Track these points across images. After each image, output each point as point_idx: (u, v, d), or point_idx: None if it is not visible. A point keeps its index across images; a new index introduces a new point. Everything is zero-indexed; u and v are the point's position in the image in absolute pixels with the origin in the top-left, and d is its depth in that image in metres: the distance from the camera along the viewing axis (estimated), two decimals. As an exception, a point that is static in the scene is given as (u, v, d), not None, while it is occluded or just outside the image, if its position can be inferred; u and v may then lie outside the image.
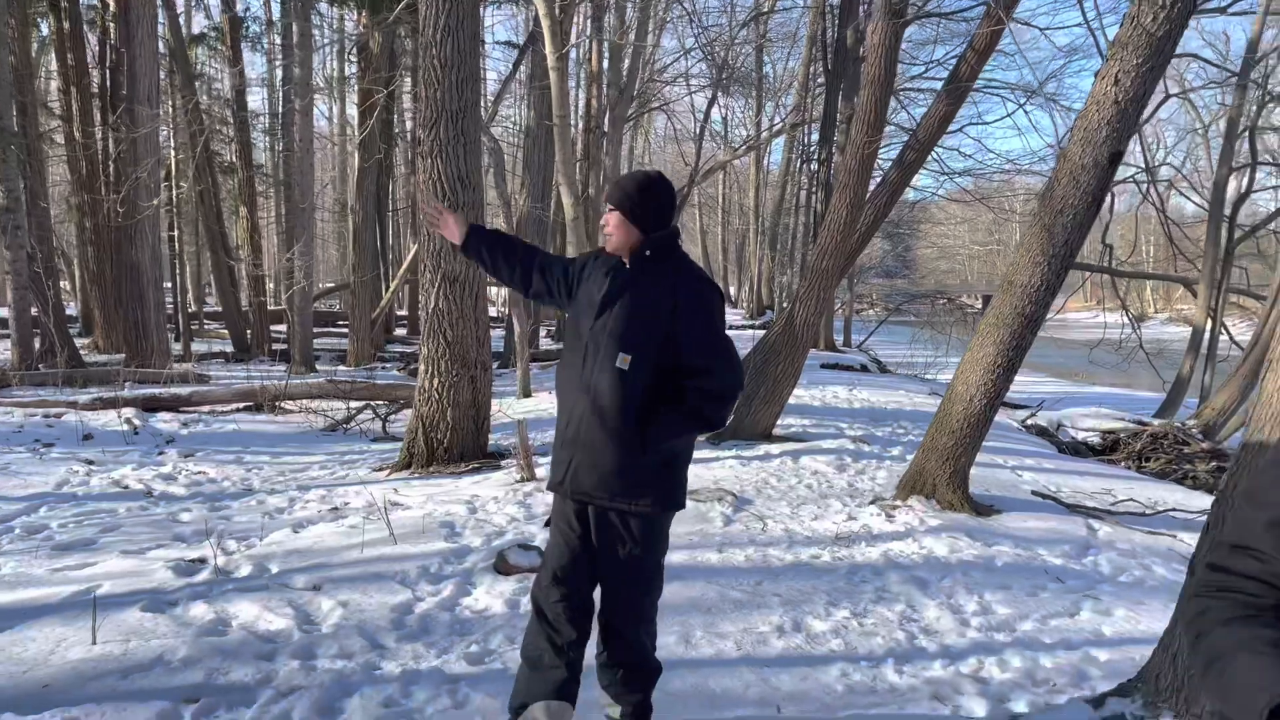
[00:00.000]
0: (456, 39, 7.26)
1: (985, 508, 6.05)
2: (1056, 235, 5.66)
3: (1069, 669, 3.48)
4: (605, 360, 2.65)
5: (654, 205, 2.74)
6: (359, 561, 4.69)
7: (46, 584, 4.51)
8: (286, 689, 3.23)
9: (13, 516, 5.97)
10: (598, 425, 2.67)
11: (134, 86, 14.38)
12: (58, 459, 7.86)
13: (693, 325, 2.65)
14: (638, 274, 2.71)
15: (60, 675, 3.36)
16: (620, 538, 2.71)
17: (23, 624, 3.89)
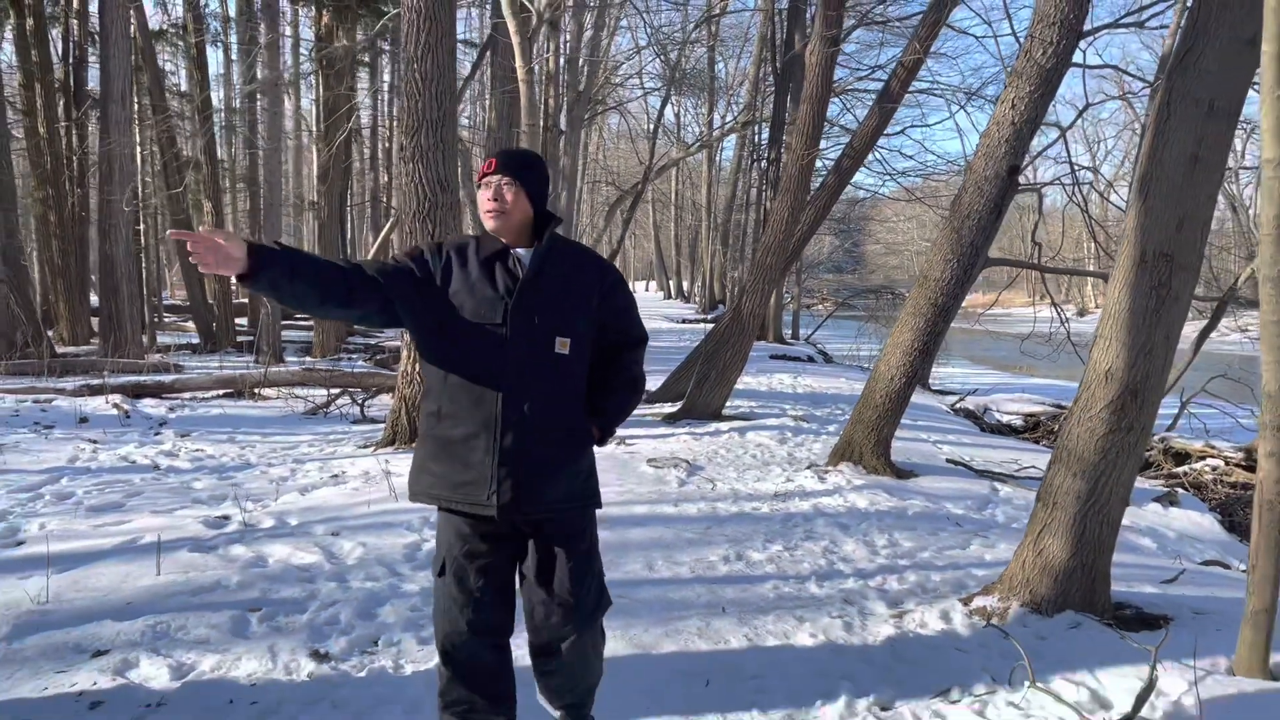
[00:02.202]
0: (436, 55, 8.00)
1: (905, 472, 6.99)
2: (964, 237, 6.59)
3: (953, 582, 4.40)
4: (538, 348, 2.46)
5: (544, 179, 2.61)
6: (367, 515, 5.47)
7: (93, 537, 5.21)
8: (329, 601, 4.02)
9: (39, 485, 6.62)
10: (547, 422, 2.47)
11: (107, 86, 14.88)
12: (62, 439, 8.48)
13: (626, 298, 2.66)
14: (545, 257, 2.52)
15: (138, 596, 4.10)
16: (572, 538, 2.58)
17: (85, 565, 4.61)
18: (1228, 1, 3.48)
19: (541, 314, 2.46)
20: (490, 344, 2.45)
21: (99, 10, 15.36)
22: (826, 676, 3.32)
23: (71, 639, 3.63)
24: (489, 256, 2.52)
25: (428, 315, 2.51)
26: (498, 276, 2.49)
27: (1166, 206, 3.65)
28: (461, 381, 2.47)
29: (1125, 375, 3.73)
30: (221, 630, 3.69)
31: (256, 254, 2.25)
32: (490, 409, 2.44)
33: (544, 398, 2.46)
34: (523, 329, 2.44)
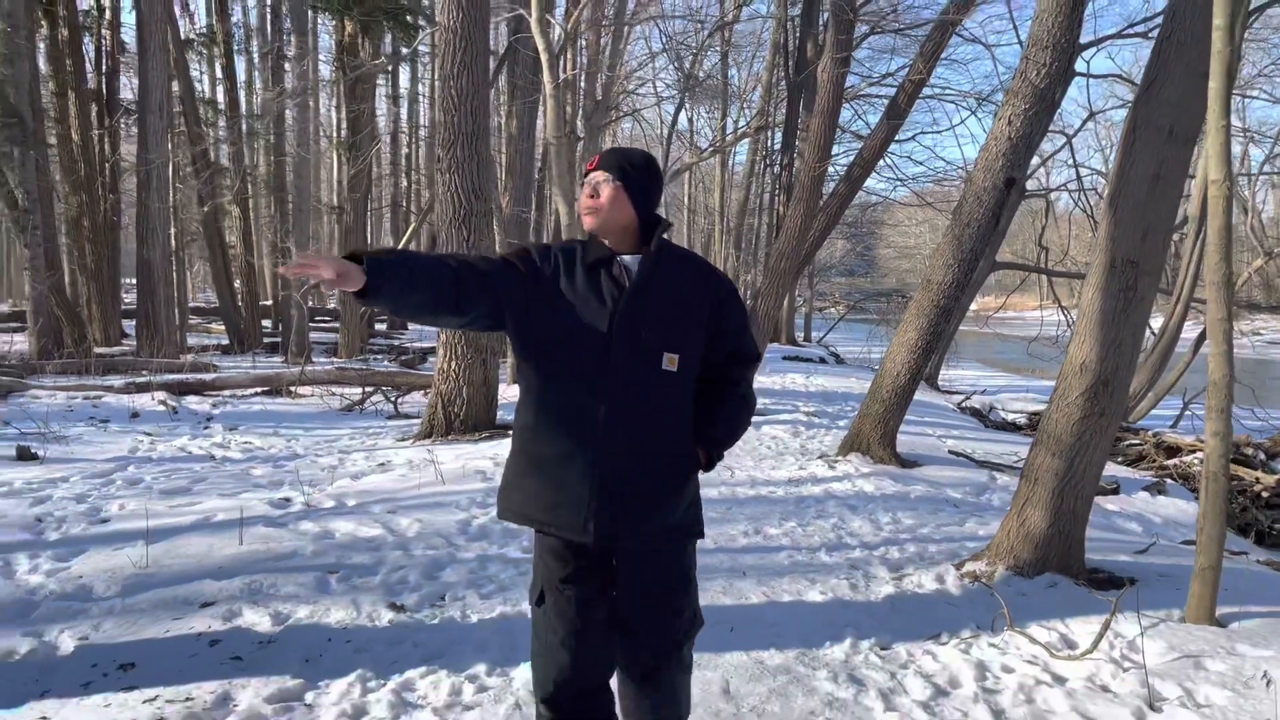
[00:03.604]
0: (471, 72, 8.57)
1: (910, 462, 7.52)
2: (964, 244, 7.11)
3: (948, 552, 4.93)
4: (643, 364, 2.29)
5: (655, 185, 2.40)
6: (418, 496, 6.03)
7: (171, 515, 5.77)
8: (397, 566, 4.57)
9: (110, 472, 7.19)
10: (651, 445, 2.32)
11: (145, 97, 15.54)
12: (119, 432, 9.06)
13: (740, 312, 2.49)
14: (654, 267, 2.34)
15: (228, 562, 4.67)
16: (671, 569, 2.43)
17: (172, 537, 5.17)
18: (1185, 41, 4.01)
19: (649, 327, 2.28)
20: (593, 357, 2.27)
21: (137, 25, 16.01)
22: (834, 625, 3.86)
23: (179, 594, 4.19)
24: (594, 263, 2.34)
25: (530, 321, 2.33)
26: (603, 285, 2.31)
27: (1133, 219, 4.17)
28: (560, 395, 2.31)
29: (1098, 367, 4.26)
30: (308, 588, 4.25)
31: (373, 267, 2.10)
32: (589, 427, 2.27)
33: (648, 418, 2.30)
34: (628, 342, 2.27)
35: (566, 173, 10.03)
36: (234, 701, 3.12)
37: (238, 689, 3.19)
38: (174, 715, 2.99)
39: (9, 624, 3.88)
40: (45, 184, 16.27)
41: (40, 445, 7.74)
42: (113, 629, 3.79)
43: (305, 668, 3.38)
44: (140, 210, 15.88)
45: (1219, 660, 3.28)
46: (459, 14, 8.39)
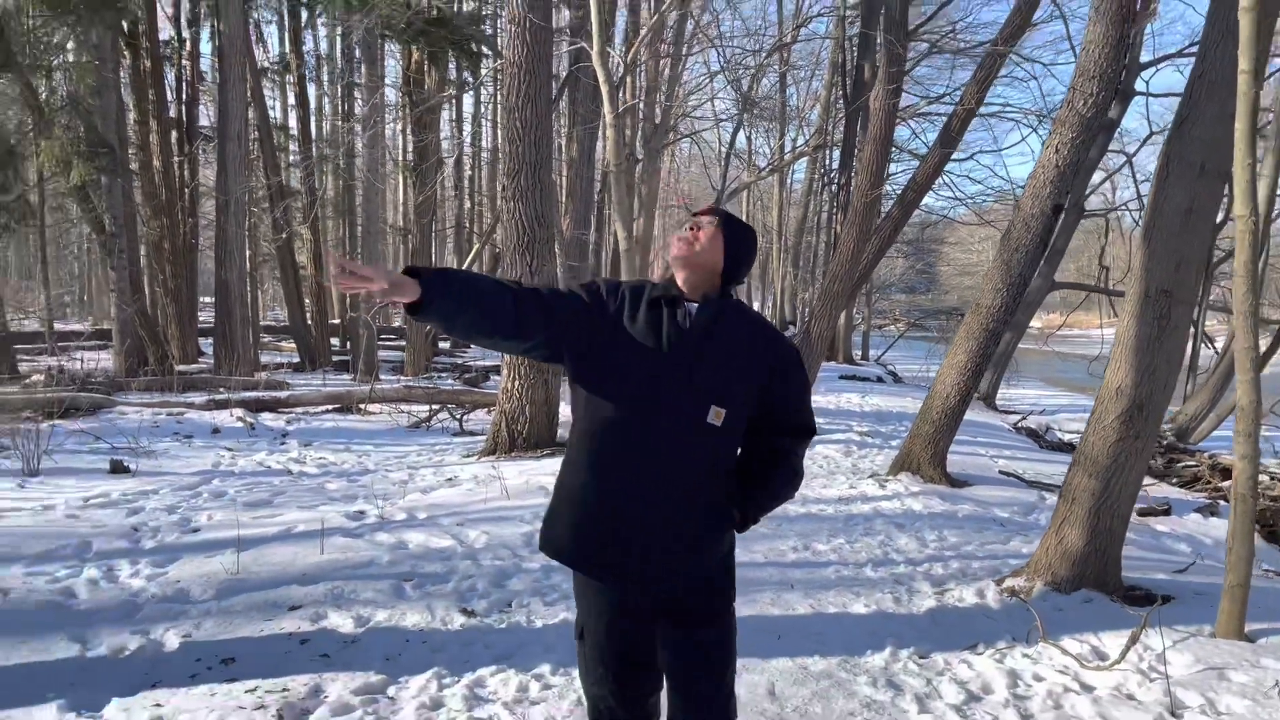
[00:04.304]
0: (536, 104, 8.96)
1: (960, 481, 7.68)
2: (1013, 268, 7.29)
3: (990, 568, 5.13)
4: (689, 413, 2.27)
5: (747, 252, 2.40)
6: (485, 510, 6.37)
7: (255, 526, 6.18)
8: (467, 575, 4.90)
9: (196, 485, 7.65)
10: (685, 495, 2.28)
11: (225, 126, 16.27)
12: (203, 447, 9.58)
13: (800, 383, 2.44)
14: (716, 315, 2.33)
15: (311, 569, 5.04)
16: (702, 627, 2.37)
17: (259, 546, 5.57)
18: (1215, 80, 4.20)
19: (700, 376, 2.27)
20: (639, 396, 2.26)
21: (218, 56, 16.79)
22: (876, 634, 4.10)
23: (268, 598, 4.56)
24: (659, 302, 2.34)
25: (585, 355, 2.32)
26: (663, 326, 2.30)
27: (1166, 250, 4.36)
28: (602, 432, 2.30)
29: (1133, 392, 4.44)
30: (385, 593, 4.60)
31: (428, 283, 2.09)
32: (625, 468, 2.27)
33: (686, 467, 2.27)
34: (677, 388, 2.26)
35: (625, 196, 10.37)
36: (324, 693, 3.45)
37: (327, 682, 3.53)
38: (273, 703, 3.33)
39: (117, 623, 4.29)
40: (129, 209, 17.09)
41: (131, 459, 8.24)
42: (212, 628, 4.17)
43: (386, 665, 3.72)
44: (219, 234, 16.61)
45: (1242, 672, 3.45)
46: (523, 49, 8.78)
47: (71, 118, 14.32)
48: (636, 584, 2.32)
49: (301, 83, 21.66)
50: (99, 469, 7.90)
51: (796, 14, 29.82)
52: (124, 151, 17.43)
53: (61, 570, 5.02)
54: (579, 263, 16.25)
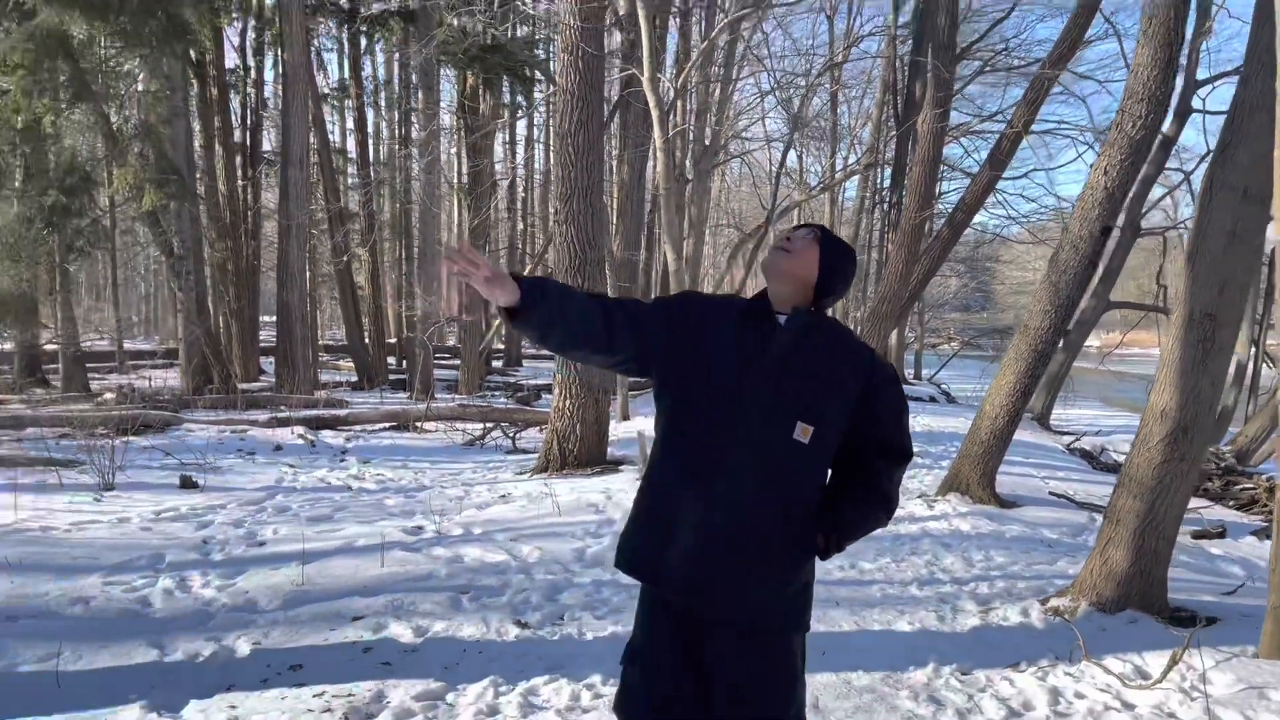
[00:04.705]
0: (588, 130, 9.18)
1: (1008, 502, 7.70)
2: (1060, 290, 7.32)
3: (1035, 589, 5.18)
4: (773, 429, 2.17)
5: (843, 272, 2.31)
6: (537, 526, 6.55)
7: (318, 540, 6.41)
8: (520, 588, 5.08)
9: (260, 500, 7.93)
10: (765, 516, 2.18)
11: (287, 151, 16.76)
12: (266, 464, 9.89)
13: (895, 404, 2.32)
14: (806, 329, 2.25)
15: (371, 581, 5.24)
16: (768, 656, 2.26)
17: (322, 559, 5.79)
18: (1255, 107, 4.26)
19: (786, 390, 2.18)
20: (723, 410, 2.18)
21: (281, 85, 17.33)
22: (919, 651, 4.18)
23: (332, 609, 4.77)
24: (747, 313, 2.29)
25: (672, 368, 2.26)
26: (749, 337, 2.24)
27: (1210, 274, 4.41)
28: (683, 446, 2.24)
29: (1177, 414, 4.49)
30: (443, 605, 4.78)
31: (530, 288, 2.05)
32: (705, 485, 2.18)
33: (767, 486, 2.17)
34: (761, 401, 2.18)
35: (675, 217, 10.55)
36: (387, 699, 3.63)
37: (390, 688, 3.71)
38: (339, 707, 3.52)
39: (192, 630, 4.52)
40: (196, 232, 17.68)
41: (199, 475, 8.56)
42: (280, 636, 4.39)
43: (445, 673, 3.89)
44: (281, 256, 17.09)
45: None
46: (576, 77, 9.01)
47: (143, 145, 14.87)
48: (710, 603, 2.21)
49: (360, 108, 22.24)
50: (169, 484, 8.22)
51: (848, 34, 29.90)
52: (192, 177, 18.03)
53: (138, 580, 5.29)
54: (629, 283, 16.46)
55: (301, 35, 16.60)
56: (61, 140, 15.17)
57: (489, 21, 12.90)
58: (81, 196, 14.53)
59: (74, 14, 12.45)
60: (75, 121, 15.58)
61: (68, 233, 14.76)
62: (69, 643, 4.22)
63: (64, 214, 14.21)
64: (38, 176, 14.65)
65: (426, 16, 16.25)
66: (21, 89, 12.56)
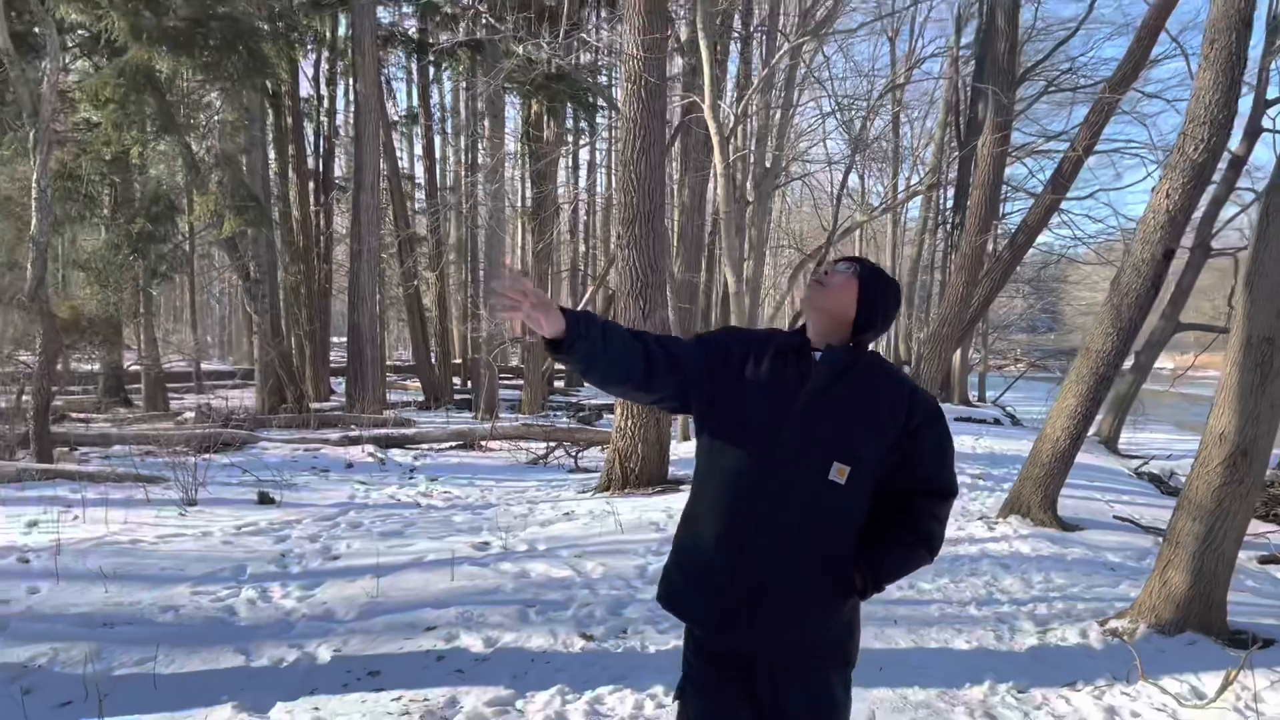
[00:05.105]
0: (649, 156, 9.39)
1: (1071, 525, 7.67)
2: (1123, 314, 7.32)
3: (1095, 610, 5.20)
4: (809, 467, 2.16)
5: (884, 305, 2.26)
6: (600, 543, 6.73)
7: (390, 554, 6.65)
8: (585, 603, 5.25)
9: (334, 516, 8.22)
10: (800, 555, 2.15)
11: (359, 177, 17.30)
12: (338, 480, 10.22)
13: (939, 441, 2.26)
14: (844, 366, 2.23)
15: (442, 594, 5.46)
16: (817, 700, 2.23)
17: (395, 573, 6.03)
18: (1313, 134, 4.29)
19: (823, 428, 2.17)
20: (759, 448, 2.17)
21: (354, 114, 17.92)
22: (976, 669, 4.26)
23: (406, 620, 4.99)
24: (785, 349, 2.27)
25: (711, 407, 2.27)
26: (787, 373, 2.23)
27: (1268, 298, 4.44)
28: (720, 484, 2.24)
29: (1236, 437, 4.52)
30: (511, 618, 4.98)
31: (574, 321, 2.09)
32: (740, 522, 2.18)
33: (803, 525, 2.15)
34: (796, 440, 2.16)
35: (735, 241, 10.71)
36: (460, 704, 3.82)
37: (462, 694, 3.90)
38: (416, 711, 3.72)
39: (275, 638, 4.77)
40: (271, 257, 18.30)
41: (276, 491, 8.90)
42: (358, 644, 4.61)
43: (514, 681, 4.07)
44: (352, 279, 17.61)
45: (1340, 715, 3.51)
46: (638, 105, 9.24)
47: (223, 173, 15.48)
48: (750, 645, 2.19)
49: (429, 135, 22.82)
50: (248, 499, 8.56)
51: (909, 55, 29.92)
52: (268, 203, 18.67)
53: (222, 590, 5.57)
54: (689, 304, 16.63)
55: (373, 66, 17.15)
56: (147, 170, 15.87)
57: (554, 51, 13.22)
58: (166, 224, 15.18)
59: (161, 50, 13.06)
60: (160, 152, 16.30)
61: (152, 258, 15.42)
62: (163, 648, 4.50)
63: (149, 240, 14.86)
64: (125, 205, 15.36)
65: (493, 46, 16.68)
66: (112, 122, 13.18)
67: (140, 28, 12.71)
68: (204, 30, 13.53)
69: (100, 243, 15.95)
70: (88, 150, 14.21)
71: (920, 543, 2.25)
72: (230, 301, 36.94)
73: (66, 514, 7.51)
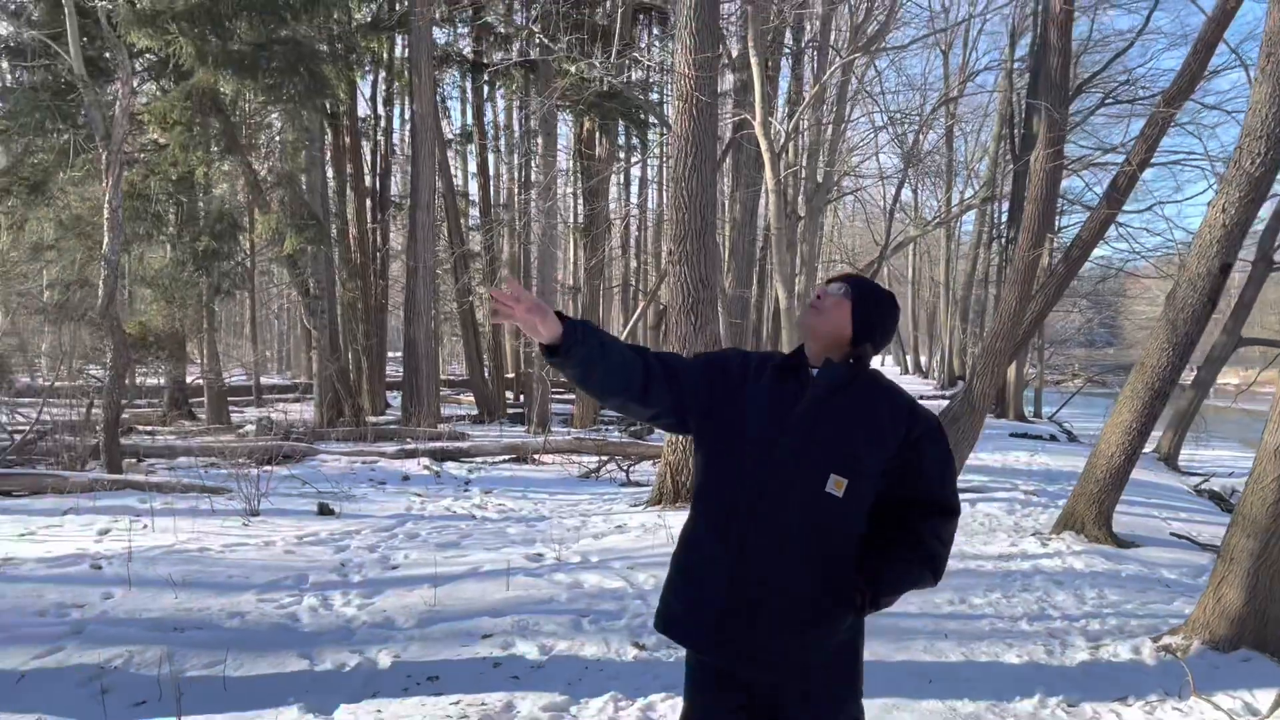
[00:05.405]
0: (701, 174, 9.50)
1: (1126, 542, 7.61)
2: (1178, 328, 7.26)
3: (1149, 627, 5.18)
4: (806, 480, 2.15)
5: (879, 320, 2.27)
6: (652, 555, 6.81)
7: (446, 565, 6.80)
8: (637, 613, 5.35)
9: (393, 527, 8.41)
10: (796, 569, 2.14)
11: (416, 196, 17.65)
12: (395, 493, 10.44)
13: (939, 458, 2.24)
14: (839, 381, 2.22)
15: (499, 603, 5.59)
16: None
17: (451, 583, 6.17)
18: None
19: (820, 441, 2.16)
20: (756, 462, 2.17)
21: (411, 133, 18.29)
22: (1026, 683, 4.28)
23: (463, 628, 5.13)
24: (782, 366, 2.28)
25: (706, 425, 2.29)
26: (784, 388, 2.24)
27: (1324, 314, 4.41)
28: (716, 499, 2.24)
29: (1292, 453, 4.49)
30: (565, 627, 5.09)
31: (571, 328, 2.11)
32: (735, 538, 2.17)
33: (799, 539, 2.14)
34: (793, 452, 2.16)
35: (786, 256, 10.78)
36: (516, 709, 3.94)
37: (519, 700, 4.02)
38: (474, 714, 3.84)
39: (337, 644, 4.93)
40: (330, 273, 18.72)
41: (335, 502, 9.13)
42: (417, 651, 4.76)
43: (568, 688, 4.18)
44: (408, 295, 17.95)
45: (1399, 734, 3.48)
46: (690, 123, 9.36)
47: (284, 192, 15.90)
48: (748, 664, 2.17)
49: (483, 153, 23.17)
50: (308, 510, 8.79)
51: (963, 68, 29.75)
52: (327, 221, 19.10)
53: (286, 598, 5.76)
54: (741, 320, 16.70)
55: (429, 86, 17.51)
56: (212, 189, 16.37)
57: (606, 70, 13.42)
58: (229, 241, 15.62)
59: (226, 73, 13.48)
60: (224, 172, 16.81)
61: (216, 275, 15.87)
62: (231, 652, 4.68)
63: (213, 258, 15.30)
64: (190, 223, 15.84)
65: (546, 65, 16.94)
66: (179, 143, 13.63)
67: (206, 52, 13.15)
68: (267, 53, 13.96)
69: (166, 260, 16.47)
70: (155, 170, 14.71)
71: (923, 561, 2.20)
72: (288, 317, 37.73)
73: (136, 523, 7.79)
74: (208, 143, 14.72)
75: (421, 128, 17.30)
